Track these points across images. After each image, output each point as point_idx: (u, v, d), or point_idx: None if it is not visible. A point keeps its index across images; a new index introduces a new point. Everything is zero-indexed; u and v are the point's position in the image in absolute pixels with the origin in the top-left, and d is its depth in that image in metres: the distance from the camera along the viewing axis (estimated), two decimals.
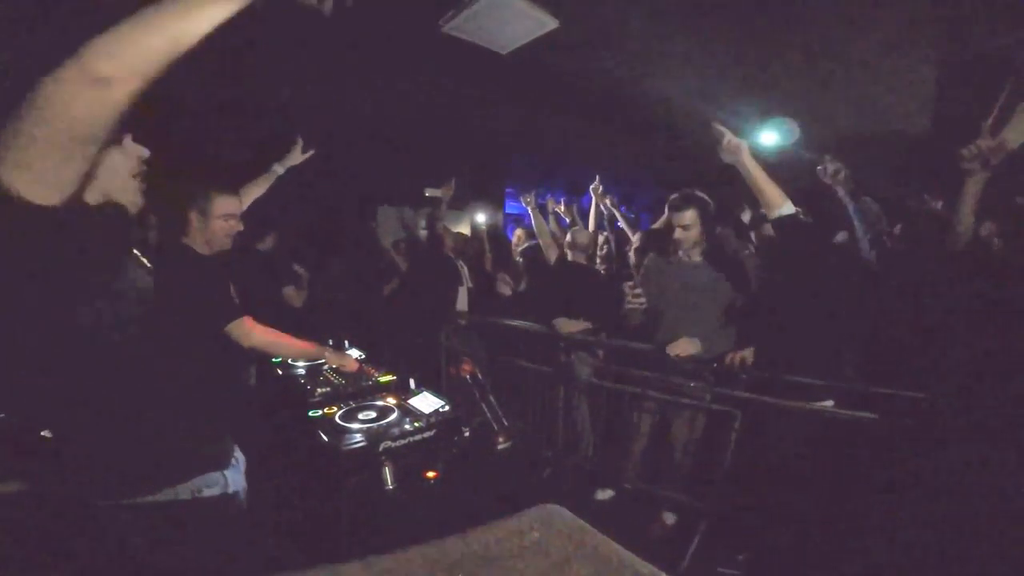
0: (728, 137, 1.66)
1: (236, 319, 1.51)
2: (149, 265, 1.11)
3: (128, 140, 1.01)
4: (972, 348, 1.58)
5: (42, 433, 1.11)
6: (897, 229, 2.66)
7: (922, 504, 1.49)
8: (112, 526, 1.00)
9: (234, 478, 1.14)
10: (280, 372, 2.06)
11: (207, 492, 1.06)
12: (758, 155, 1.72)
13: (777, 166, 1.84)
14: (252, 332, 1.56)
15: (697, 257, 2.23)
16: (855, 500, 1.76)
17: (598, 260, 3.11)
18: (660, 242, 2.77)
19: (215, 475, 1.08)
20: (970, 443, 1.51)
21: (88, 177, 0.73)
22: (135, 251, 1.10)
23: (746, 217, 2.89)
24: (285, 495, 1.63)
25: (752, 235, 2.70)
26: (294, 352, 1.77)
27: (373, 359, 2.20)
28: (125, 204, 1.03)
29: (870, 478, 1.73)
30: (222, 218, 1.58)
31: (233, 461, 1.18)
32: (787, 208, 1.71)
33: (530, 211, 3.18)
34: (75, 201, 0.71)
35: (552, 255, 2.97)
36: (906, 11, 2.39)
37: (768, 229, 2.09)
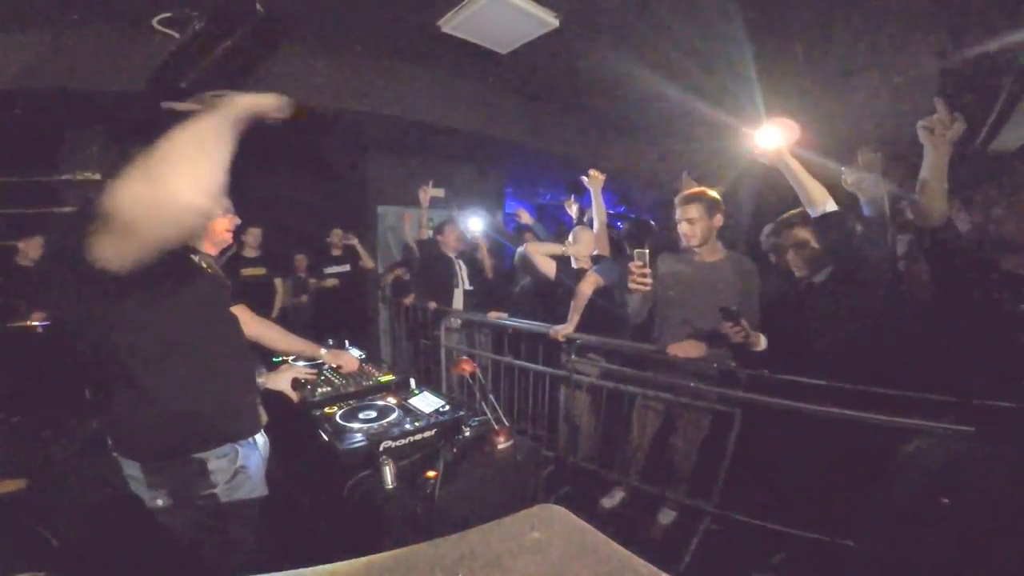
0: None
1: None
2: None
3: None
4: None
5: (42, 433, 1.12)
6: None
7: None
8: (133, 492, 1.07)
9: (246, 453, 1.17)
10: None
11: (214, 463, 1.09)
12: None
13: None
14: (248, 323, 1.58)
15: (712, 257, 2.16)
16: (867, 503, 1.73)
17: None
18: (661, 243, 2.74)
19: (226, 447, 1.12)
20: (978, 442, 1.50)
21: None
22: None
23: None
24: (285, 494, 1.63)
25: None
26: (290, 348, 1.77)
27: (373, 358, 2.20)
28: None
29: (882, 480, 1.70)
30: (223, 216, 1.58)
31: (251, 440, 1.20)
32: (830, 205, 1.65)
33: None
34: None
35: (549, 270, 2.86)
36: (906, 11, 2.39)
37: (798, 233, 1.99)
